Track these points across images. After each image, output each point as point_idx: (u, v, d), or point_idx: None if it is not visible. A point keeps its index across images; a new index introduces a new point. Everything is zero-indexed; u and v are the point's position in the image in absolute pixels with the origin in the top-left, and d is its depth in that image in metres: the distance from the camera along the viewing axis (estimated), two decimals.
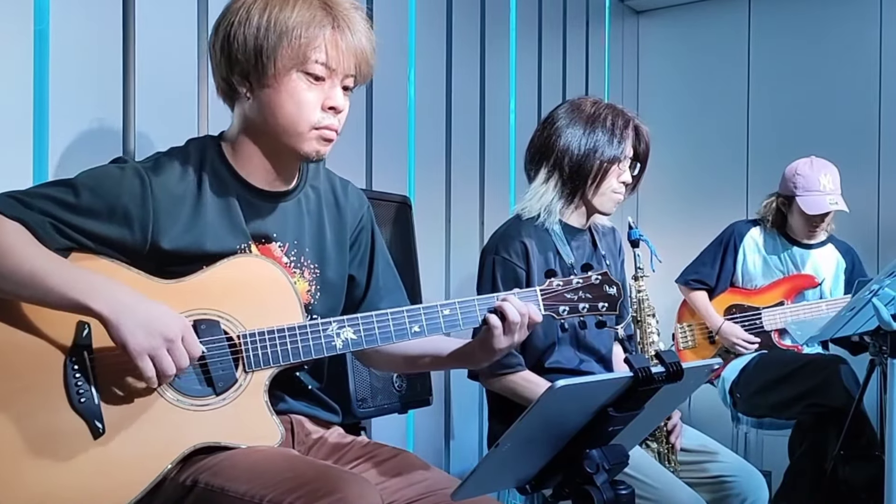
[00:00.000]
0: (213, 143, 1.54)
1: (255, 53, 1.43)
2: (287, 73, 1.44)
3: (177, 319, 1.35)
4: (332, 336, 1.46)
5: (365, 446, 1.59)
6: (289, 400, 1.56)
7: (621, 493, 1.25)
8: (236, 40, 1.44)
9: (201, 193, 1.47)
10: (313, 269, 1.58)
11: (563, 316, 1.57)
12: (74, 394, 1.34)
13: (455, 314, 1.51)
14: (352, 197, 1.68)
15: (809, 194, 3.16)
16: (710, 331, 3.34)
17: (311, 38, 1.43)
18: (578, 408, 1.23)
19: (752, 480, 2.18)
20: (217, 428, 1.40)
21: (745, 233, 3.36)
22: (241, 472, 1.33)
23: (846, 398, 2.84)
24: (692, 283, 3.38)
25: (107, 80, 2.06)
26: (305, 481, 1.28)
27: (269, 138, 1.50)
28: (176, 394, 1.39)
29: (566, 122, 2.16)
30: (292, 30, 1.42)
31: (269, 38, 1.42)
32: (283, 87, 1.45)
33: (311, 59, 1.44)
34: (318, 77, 1.45)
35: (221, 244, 1.47)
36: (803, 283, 3.29)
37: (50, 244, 1.37)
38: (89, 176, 1.44)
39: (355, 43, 1.47)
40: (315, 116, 1.47)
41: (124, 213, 1.41)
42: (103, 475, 1.33)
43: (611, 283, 1.59)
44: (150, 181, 1.43)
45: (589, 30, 4.29)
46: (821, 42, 4.15)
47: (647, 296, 2.15)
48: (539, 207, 2.16)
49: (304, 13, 1.43)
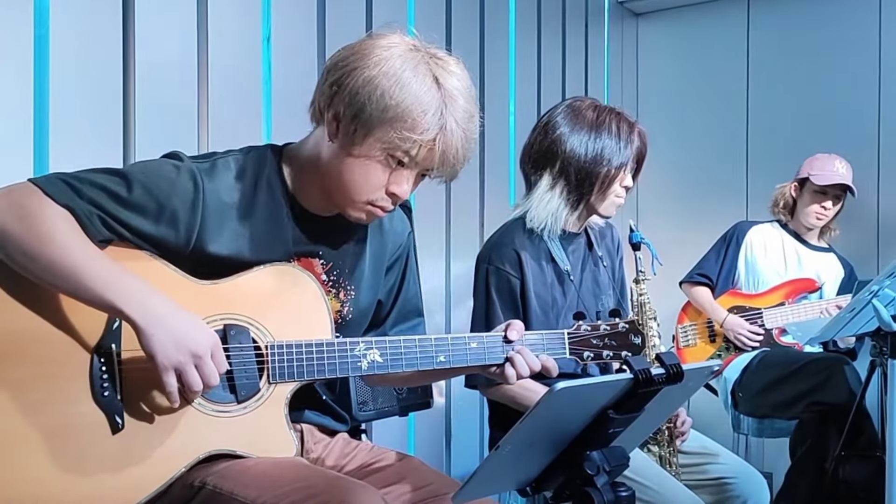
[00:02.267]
0: (273, 157, 1.50)
1: (353, 115, 1.37)
2: (372, 151, 1.39)
3: (207, 335, 1.33)
4: (359, 357, 1.45)
5: (369, 451, 1.60)
6: (302, 409, 1.55)
7: (622, 495, 1.25)
8: (350, 86, 1.36)
9: (252, 205, 1.45)
10: (349, 290, 1.57)
11: (586, 360, 1.60)
12: (98, 387, 1.33)
13: (482, 349, 1.52)
14: (396, 222, 1.67)
15: (822, 172, 3.26)
16: (711, 331, 3.35)
17: (413, 134, 1.36)
18: (579, 410, 1.23)
19: (752, 482, 2.18)
20: (234, 436, 1.39)
21: (747, 230, 3.40)
22: (250, 479, 1.33)
23: (849, 396, 2.84)
24: (695, 277, 3.40)
25: (107, 84, 2.06)
26: (316, 492, 1.27)
27: (327, 184, 1.46)
28: (199, 398, 1.38)
29: (569, 128, 2.13)
30: (401, 119, 1.35)
31: (375, 112, 1.35)
32: (361, 160, 1.40)
33: (402, 151, 1.38)
34: (400, 163, 1.41)
35: (260, 256, 1.45)
36: (804, 286, 3.30)
37: (94, 235, 1.34)
38: (143, 171, 1.40)
39: (454, 156, 1.40)
40: (374, 195, 1.43)
41: (172, 215, 1.39)
42: (117, 471, 1.33)
43: (637, 332, 1.61)
44: (204, 187, 1.41)
45: (588, 32, 4.29)
46: (820, 44, 4.15)
47: (648, 299, 2.15)
48: (545, 215, 2.14)
49: (424, 101, 1.35)
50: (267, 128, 2.56)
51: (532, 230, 2.15)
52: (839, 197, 3.29)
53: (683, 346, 3.40)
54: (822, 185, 3.24)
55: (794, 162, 3.41)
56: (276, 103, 2.56)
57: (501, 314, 2.08)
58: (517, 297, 2.10)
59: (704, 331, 3.38)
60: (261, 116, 2.55)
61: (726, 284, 3.37)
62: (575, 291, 2.17)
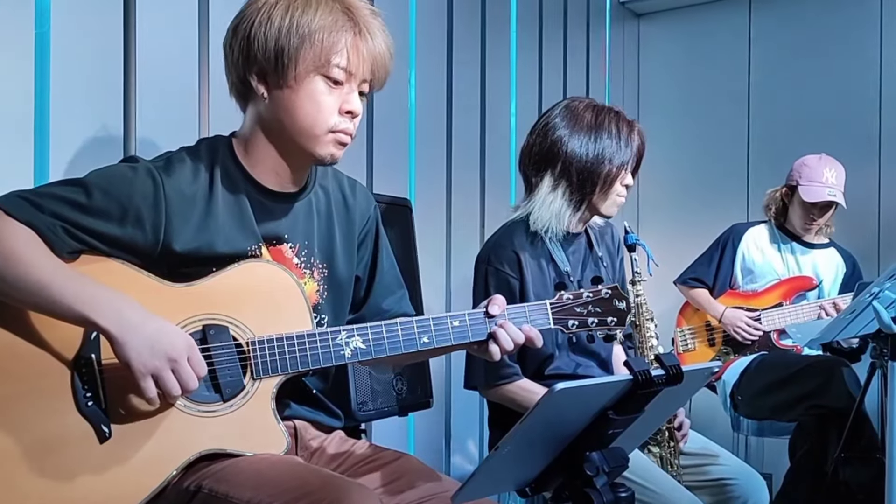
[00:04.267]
0: (224, 143, 1.53)
1: (275, 54, 1.43)
2: (307, 75, 1.44)
3: (182, 338, 1.33)
4: (342, 345, 1.46)
5: (366, 450, 1.59)
6: (293, 405, 1.55)
7: (621, 496, 1.25)
8: (256, 40, 1.44)
9: (213, 194, 1.46)
10: (322, 268, 1.58)
11: (571, 329, 1.59)
12: (82, 397, 1.33)
13: (465, 326, 1.52)
14: (360, 196, 1.68)
15: (811, 184, 3.19)
16: (710, 334, 3.34)
17: (333, 43, 1.43)
18: (578, 411, 1.23)
19: (752, 483, 2.18)
20: (224, 435, 1.39)
21: (743, 232, 3.38)
22: (245, 479, 1.33)
23: (848, 400, 2.84)
24: (690, 282, 3.40)
25: (108, 82, 2.06)
26: (310, 490, 1.27)
27: (283, 140, 1.49)
28: (184, 399, 1.38)
29: (568, 130, 2.13)
30: (315, 33, 1.42)
31: (292, 40, 1.42)
32: (302, 89, 1.45)
33: (332, 63, 1.44)
34: (337, 81, 1.45)
35: (233, 245, 1.46)
36: (802, 284, 3.29)
37: (61, 248, 1.35)
38: (101, 176, 1.41)
39: (375, 49, 1.47)
40: (332, 120, 1.46)
41: (136, 215, 1.39)
42: (108, 480, 1.33)
43: (620, 297, 1.60)
44: (163, 182, 1.42)
45: (589, 33, 4.29)
46: (821, 45, 4.15)
47: (645, 300, 2.15)
48: (549, 216, 2.14)
49: (327, 17, 1.43)
50: None
51: (533, 231, 2.15)
52: (828, 206, 3.23)
53: (683, 351, 3.40)
54: (810, 201, 3.19)
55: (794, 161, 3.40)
56: None
57: None
58: (516, 298, 2.10)
59: (703, 334, 3.38)
60: None
61: (724, 287, 3.37)
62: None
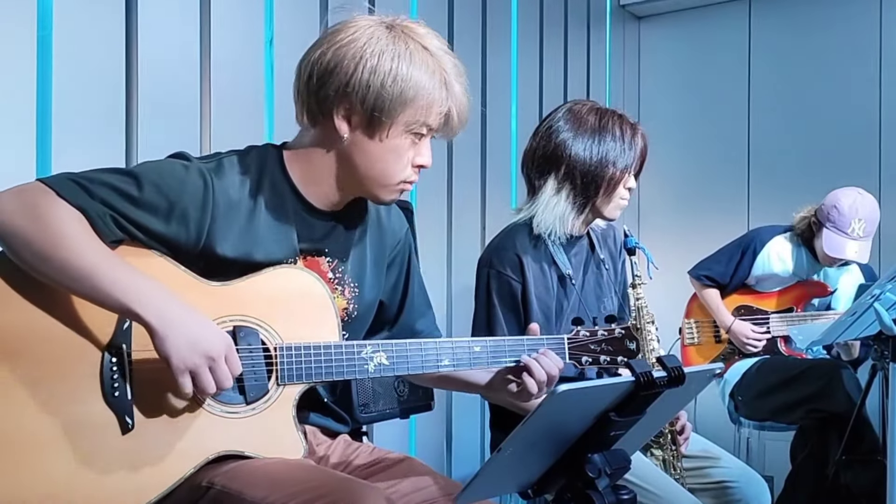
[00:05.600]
0: (274, 154, 1.51)
1: (373, 108, 1.41)
2: (399, 133, 1.44)
3: (221, 337, 1.34)
4: (366, 359, 1.46)
5: (371, 453, 1.60)
6: (305, 411, 1.55)
7: (623, 498, 1.25)
8: (357, 83, 1.40)
9: (257, 203, 1.46)
10: (353, 287, 1.58)
11: (584, 365, 1.61)
12: (109, 387, 1.33)
13: (485, 353, 1.53)
14: (394, 218, 1.69)
15: (837, 233, 3.11)
16: (717, 330, 3.33)
17: (430, 106, 1.43)
18: (580, 413, 1.23)
19: (754, 486, 2.17)
20: (243, 437, 1.40)
21: (767, 241, 3.29)
22: (259, 479, 1.33)
23: (848, 403, 2.84)
24: (704, 280, 3.34)
25: (110, 85, 2.07)
26: (324, 492, 1.27)
27: (350, 177, 1.49)
28: (209, 398, 1.38)
29: (571, 133, 2.13)
30: (418, 97, 1.41)
31: (394, 99, 1.40)
32: (389, 144, 1.44)
33: (423, 124, 1.45)
34: (422, 136, 1.47)
35: (270, 256, 1.46)
36: (815, 290, 3.26)
37: (106, 235, 1.35)
38: (153, 170, 1.41)
39: (463, 112, 1.48)
40: (406, 172, 1.48)
41: (183, 213, 1.39)
42: (126, 471, 1.33)
43: (632, 338, 1.62)
44: (213, 184, 1.42)
45: (590, 35, 4.29)
46: (821, 47, 4.15)
47: (645, 303, 2.15)
48: (552, 219, 2.14)
49: (429, 77, 1.41)
50: (269, 128, 2.56)
51: (536, 234, 2.15)
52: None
53: (689, 344, 3.38)
54: (830, 255, 3.12)
55: (795, 165, 3.41)
56: (278, 105, 2.56)
57: (503, 318, 2.08)
58: (518, 301, 2.10)
59: (710, 329, 3.35)
60: (263, 117, 2.55)
61: (737, 286, 3.33)
62: (577, 295, 2.18)
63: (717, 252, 3.38)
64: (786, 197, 3.47)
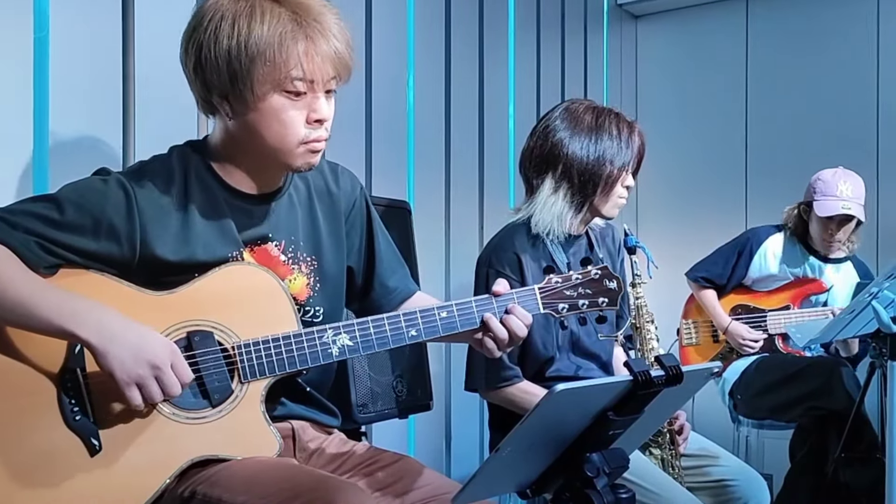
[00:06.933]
0: (196, 150, 1.52)
1: (230, 79, 1.39)
2: (267, 95, 1.40)
3: (164, 345, 1.33)
4: (329, 343, 1.45)
5: (366, 452, 1.59)
6: (288, 403, 1.55)
7: (622, 497, 1.25)
8: (209, 64, 1.39)
9: (188, 202, 1.45)
10: (310, 261, 1.56)
11: (562, 313, 1.56)
12: (69, 412, 1.32)
13: (452, 317, 1.51)
14: (343, 182, 1.66)
15: (825, 198, 3.13)
16: (715, 330, 3.33)
17: (286, 57, 1.37)
18: (578, 412, 1.23)
19: (753, 484, 2.18)
20: (214, 441, 1.39)
21: (763, 240, 3.30)
22: (238, 483, 1.33)
23: (847, 401, 2.84)
24: (701, 282, 3.34)
25: (107, 86, 2.06)
26: (302, 491, 1.27)
27: (256, 154, 1.47)
28: (172, 408, 1.38)
29: (569, 132, 2.13)
30: (265, 51, 1.36)
31: (243, 62, 1.37)
32: (265, 110, 1.41)
33: (289, 77, 1.39)
34: (298, 92, 1.41)
35: (213, 253, 1.45)
36: (812, 288, 3.26)
37: (38, 264, 1.35)
38: (72, 190, 1.41)
39: (331, 50, 1.40)
40: (302, 132, 1.43)
41: (110, 227, 1.39)
42: (101, 493, 1.32)
43: (610, 277, 1.57)
44: (135, 193, 1.41)
45: (587, 34, 4.29)
46: (819, 47, 4.15)
47: (645, 302, 2.15)
48: (550, 219, 2.14)
49: (275, 28, 1.36)
50: None
51: (535, 234, 2.15)
52: (846, 220, 3.15)
53: (686, 345, 3.38)
54: (823, 216, 3.13)
55: (793, 164, 3.41)
56: None
57: None
58: None
59: (708, 329, 3.36)
60: None
61: (734, 286, 3.33)
62: None
63: (714, 253, 3.38)
64: (783, 196, 3.46)
